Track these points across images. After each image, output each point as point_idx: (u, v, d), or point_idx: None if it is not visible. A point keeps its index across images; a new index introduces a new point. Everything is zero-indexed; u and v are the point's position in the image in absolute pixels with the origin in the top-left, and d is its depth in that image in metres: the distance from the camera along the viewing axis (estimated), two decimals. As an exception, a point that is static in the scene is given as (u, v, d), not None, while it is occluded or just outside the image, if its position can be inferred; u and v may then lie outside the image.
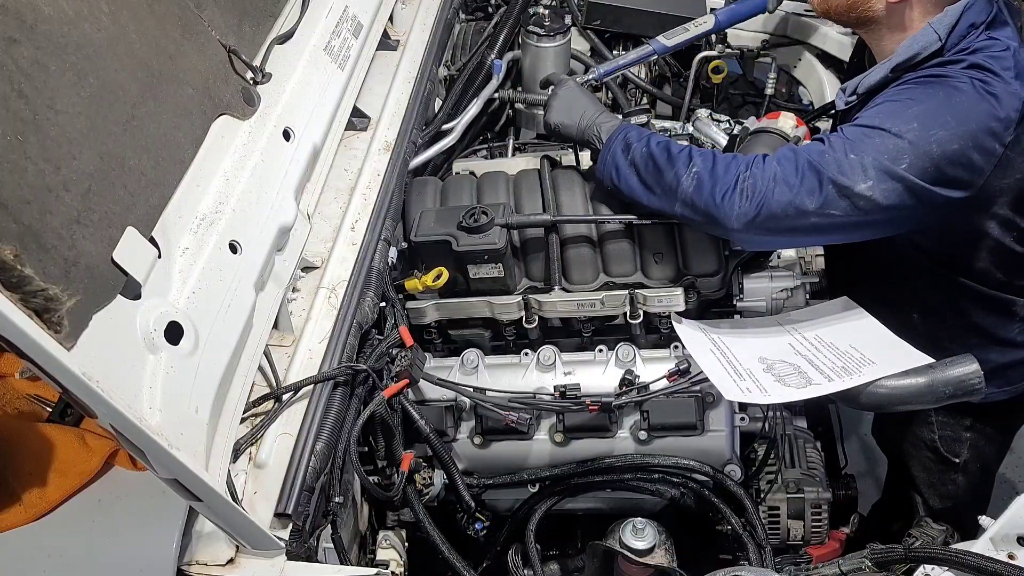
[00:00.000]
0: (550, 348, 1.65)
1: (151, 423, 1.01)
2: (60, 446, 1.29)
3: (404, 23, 2.20)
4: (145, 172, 1.14)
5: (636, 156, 1.59)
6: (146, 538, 1.20)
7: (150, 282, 1.11)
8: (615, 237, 1.70)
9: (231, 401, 1.25)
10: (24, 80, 0.96)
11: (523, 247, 1.72)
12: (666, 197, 1.56)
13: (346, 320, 1.53)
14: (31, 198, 0.93)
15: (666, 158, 1.56)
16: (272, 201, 1.41)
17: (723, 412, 1.58)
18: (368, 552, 1.57)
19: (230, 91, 1.38)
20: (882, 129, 1.48)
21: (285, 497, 1.28)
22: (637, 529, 1.46)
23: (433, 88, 2.12)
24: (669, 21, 2.37)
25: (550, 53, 2.20)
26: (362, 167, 1.81)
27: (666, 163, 1.55)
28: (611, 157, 1.63)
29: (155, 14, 1.24)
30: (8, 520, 1.22)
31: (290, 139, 1.50)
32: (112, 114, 1.10)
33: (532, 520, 1.60)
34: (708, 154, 1.56)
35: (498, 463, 1.65)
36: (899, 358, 1.43)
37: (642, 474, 1.59)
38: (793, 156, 1.51)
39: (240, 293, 1.28)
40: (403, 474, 1.46)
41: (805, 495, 1.65)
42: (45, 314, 0.91)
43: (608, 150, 1.64)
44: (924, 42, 1.57)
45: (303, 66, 1.59)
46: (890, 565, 1.24)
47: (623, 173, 1.61)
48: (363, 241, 1.66)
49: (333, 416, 1.41)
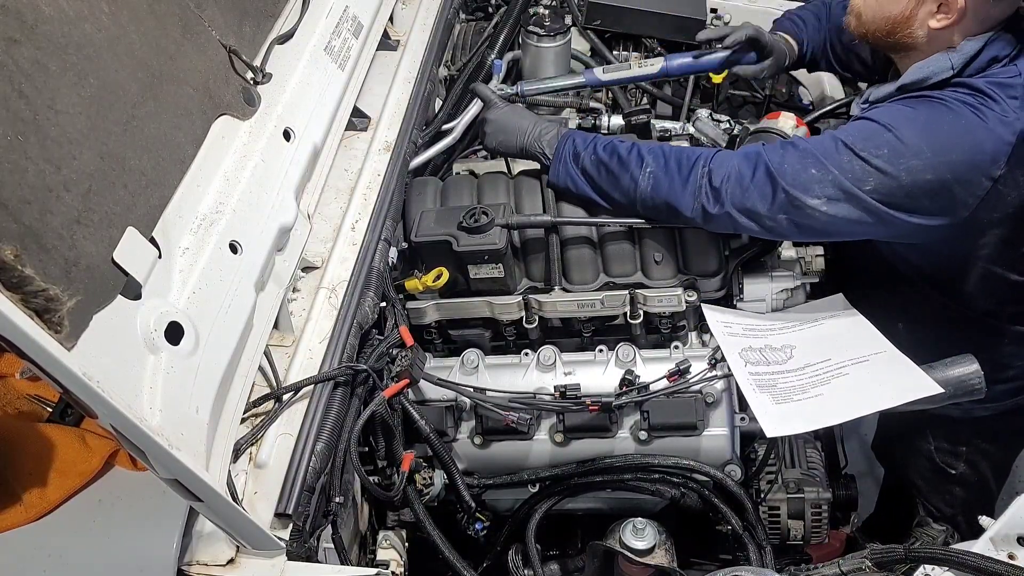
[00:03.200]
0: (550, 348, 1.65)
1: (151, 423, 1.01)
2: (60, 446, 1.29)
3: (404, 23, 2.20)
4: (145, 172, 1.14)
5: (587, 164, 1.61)
6: (146, 538, 1.19)
7: (150, 282, 1.11)
8: (615, 237, 1.70)
9: (231, 401, 1.25)
10: (24, 80, 0.96)
11: (523, 247, 1.72)
12: (626, 200, 1.60)
13: (346, 320, 1.53)
14: (31, 198, 0.93)
15: (618, 162, 1.57)
16: (272, 201, 1.41)
17: (723, 412, 1.58)
18: (368, 552, 1.57)
19: (230, 91, 1.38)
20: (852, 150, 1.46)
21: (285, 497, 1.28)
22: (637, 529, 1.46)
23: (433, 88, 2.13)
24: (669, 21, 2.37)
25: (550, 53, 2.20)
26: (362, 167, 1.81)
27: (619, 167, 1.57)
28: (563, 168, 1.64)
29: (155, 14, 1.24)
30: (8, 520, 1.22)
31: (290, 139, 1.50)
32: (112, 114, 1.10)
33: (532, 520, 1.60)
34: (657, 150, 1.58)
35: (498, 463, 1.65)
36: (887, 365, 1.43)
37: (642, 474, 1.59)
38: (755, 157, 1.51)
39: (240, 293, 1.28)
40: (403, 474, 1.46)
41: (805, 495, 1.65)
42: (45, 314, 0.91)
43: (559, 162, 1.64)
44: (935, 68, 1.52)
45: (303, 66, 1.59)
46: (890, 565, 1.24)
47: (578, 183, 1.63)
48: (363, 241, 1.66)
49: (333, 416, 1.41)
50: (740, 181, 1.50)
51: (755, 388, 1.46)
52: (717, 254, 1.69)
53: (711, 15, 2.43)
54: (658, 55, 2.40)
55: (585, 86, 1.92)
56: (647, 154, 1.57)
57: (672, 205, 1.54)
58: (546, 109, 2.22)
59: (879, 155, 1.44)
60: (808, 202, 1.46)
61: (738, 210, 1.51)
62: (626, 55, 2.46)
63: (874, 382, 1.43)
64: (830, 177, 1.45)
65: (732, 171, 1.51)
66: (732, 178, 1.50)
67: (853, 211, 1.47)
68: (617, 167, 1.57)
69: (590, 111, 2.19)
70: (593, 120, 2.13)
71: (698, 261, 1.69)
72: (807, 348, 1.51)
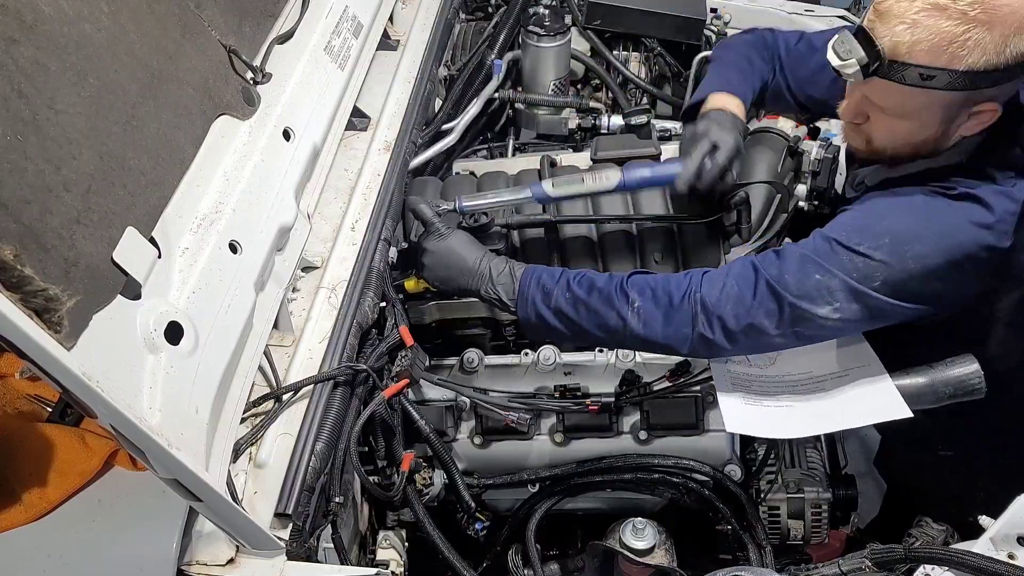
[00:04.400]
0: (550, 348, 1.65)
1: (151, 423, 1.01)
2: (60, 446, 1.29)
3: (404, 23, 2.20)
4: (145, 172, 1.14)
5: (561, 303, 1.43)
6: (146, 538, 1.19)
7: (150, 282, 1.11)
8: (615, 237, 1.70)
9: (231, 401, 1.25)
10: (24, 80, 0.96)
11: (523, 247, 1.72)
12: (612, 339, 1.48)
13: (346, 320, 1.53)
14: (31, 198, 0.93)
15: (599, 299, 1.42)
16: (272, 201, 1.41)
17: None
18: (368, 552, 1.57)
19: (230, 91, 1.38)
20: (848, 248, 1.33)
21: (285, 497, 1.28)
22: (637, 529, 1.46)
23: (433, 88, 2.13)
24: (669, 21, 2.37)
25: (550, 53, 2.20)
26: (362, 167, 1.81)
27: (601, 305, 1.42)
28: (530, 311, 1.45)
29: (155, 14, 1.24)
30: (8, 520, 1.22)
31: (290, 139, 1.50)
32: (112, 114, 1.10)
33: (532, 520, 1.60)
34: (640, 281, 1.42)
35: (498, 463, 1.65)
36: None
37: (642, 474, 1.59)
38: (752, 274, 1.37)
39: (240, 293, 1.28)
40: (403, 474, 1.46)
41: (805, 495, 1.65)
42: (45, 314, 0.91)
43: (525, 303, 1.46)
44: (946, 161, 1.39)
45: (303, 66, 1.59)
46: (890, 565, 1.23)
47: (551, 324, 1.45)
48: (363, 241, 1.66)
49: (333, 416, 1.41)
50: (741, 302, 1.36)
51: (729, 385, 1.46)
52: (717, 254, 1.68)
53: (711, 15, 2.43)
54: (658, 55, 2.42)
55: (531, 200, 1.65)
56: (630, 288, 1.41)
57: (667, 339, 1.40)
58: (546, 109, 2.23)
59: (881, 245, 1.31)
60: (818, 312, 1.33)
61: (743, 332, 1.36)
62: (626, 55, 2.46)
63: (847, 400, 1.41)
64: (835, 281, 1.32)
65: (729, 293, 1.37)
66: (731, 300, 1.36)
67: (863, 311, 1.34)
68: (599, 304, 1.41)
69: (590, 111, 2.20)
70: (593, 120, 2.14)
71: (698, 261, 1.69)
72: (790, 356, 1.49)
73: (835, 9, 2.40)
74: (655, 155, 1.82)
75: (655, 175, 1.63)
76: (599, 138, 1.97)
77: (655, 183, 1.65)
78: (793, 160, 1.81)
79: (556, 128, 2.21)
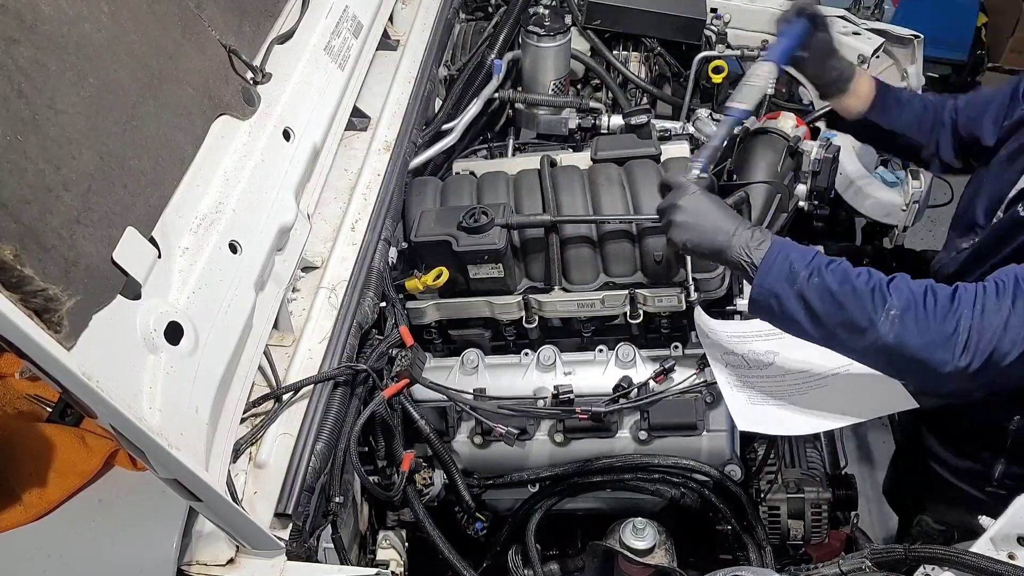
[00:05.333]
0: (550, 348, 1.65)
1: (151, 423, 1.01)
2: (60, 446, 1.29)
3: (404, 23, 2.20)
4: (145, 172, 1.14)
5: (806, 289, 1.30)
6: (146, 538, 1.20)
7: (150, 282, 1.11)
8: (615, 237, 1.69)
9: (231, 401, 1.25)
10: (24, 80, 0.96)
11: (523, 247, 1.72)
12: (849, 337, 1.30)
13: (346, 320, 1.53)
14: (31, 198, 0.93)
15: (850, 293, 1.27)
16: (272, 201, 1.41)
17: (723, 412, 1.58)
18: (368, 552, 1.57)
19: (230, 91, 1.38)
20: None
21: (285, 497, 1.29)
22: (637, 529, 1.46)
23: (433, 88, 2.13)
24: (669, 21, 2.37)
25: (550, 53, 2.20)
26: (362, 167, 1.81)
27: (851, 300, 1.27)
28: (769, 285, 1.33)
29: (155, 14, 1.24)
30: (8, 520, 1.22)
31: (290, 139, 1.50)
32: (112, 114, 1.10)
33: (532, 520, 1.60)
34: (905, 290, 1.27)
35: (498, 463, 1.65)
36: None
37: (642, 474, 1.59)
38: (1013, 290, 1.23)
39: (240, 293, 1.28)
40: (403, 474, 1.46)
41: (805, 495, 1.65)
42: (45, 314, 0.91)
43: (767, 278, 1.34)
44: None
45: (303, 66, 1.59)
46: (890, 565, 1.24)
47: (787, 306, 1.32)
48: (363, 241, 1.66)
49: (333, 416, 1.42)
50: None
51: (733, 387, 1.46)
52: (717, 254, 1.68)
53: (711, 15, 2.43)
54: (658, 55, 2.42)
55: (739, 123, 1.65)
56: (891, 291, 1.26)
57: (925, 359, 1.24)
58: (546, 109, 2.22)
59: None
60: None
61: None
62: (626, 55, 2.46)
63: (851, 394, 1.41)
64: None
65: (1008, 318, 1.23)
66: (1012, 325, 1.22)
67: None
68: (850, 300, 1.27)
69: (590, 111, 2.20)
70: (593, 120, 2.14)
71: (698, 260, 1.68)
72: (789, 355, 1.49)
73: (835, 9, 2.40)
74: (655, 155, 1.82)
75: (789, 39, 1.64)
76: (599, 138, 1.97)
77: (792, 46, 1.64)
78: (793, 160, 1.81)
79: (556, 128, 2.21)
